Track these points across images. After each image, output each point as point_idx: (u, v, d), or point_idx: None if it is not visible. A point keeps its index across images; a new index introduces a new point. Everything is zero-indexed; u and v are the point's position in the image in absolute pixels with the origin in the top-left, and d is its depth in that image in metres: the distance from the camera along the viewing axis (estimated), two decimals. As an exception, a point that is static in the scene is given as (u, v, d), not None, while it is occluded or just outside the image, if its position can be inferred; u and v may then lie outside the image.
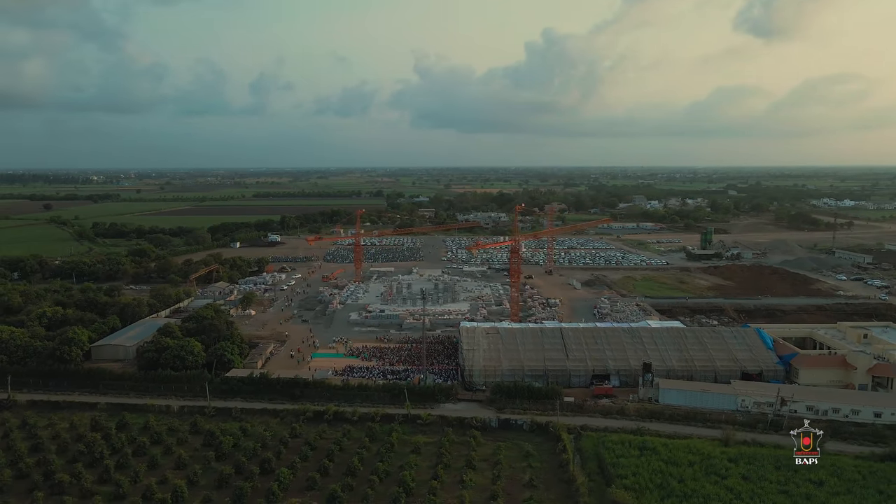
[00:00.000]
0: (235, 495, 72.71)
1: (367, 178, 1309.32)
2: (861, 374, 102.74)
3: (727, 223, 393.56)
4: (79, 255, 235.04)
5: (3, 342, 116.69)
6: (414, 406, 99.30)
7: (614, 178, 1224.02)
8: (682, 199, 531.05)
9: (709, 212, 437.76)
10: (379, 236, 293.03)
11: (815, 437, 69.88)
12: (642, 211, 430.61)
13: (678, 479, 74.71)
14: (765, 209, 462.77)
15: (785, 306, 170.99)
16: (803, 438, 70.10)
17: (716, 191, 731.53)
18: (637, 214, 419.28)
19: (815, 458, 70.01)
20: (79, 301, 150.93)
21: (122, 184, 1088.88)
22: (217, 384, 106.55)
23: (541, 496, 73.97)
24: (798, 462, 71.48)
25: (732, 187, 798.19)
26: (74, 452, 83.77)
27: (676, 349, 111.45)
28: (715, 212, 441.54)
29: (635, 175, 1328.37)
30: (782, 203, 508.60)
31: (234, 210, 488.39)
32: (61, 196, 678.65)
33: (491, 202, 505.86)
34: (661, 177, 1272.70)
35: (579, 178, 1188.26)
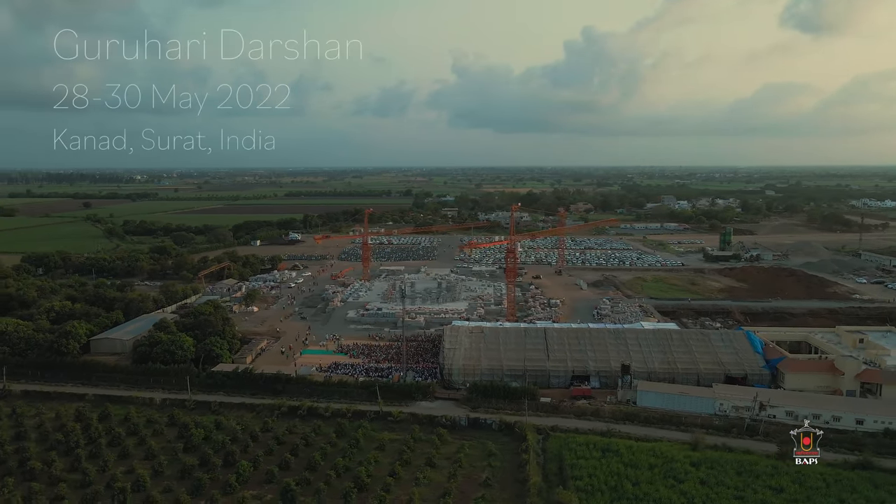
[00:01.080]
0: (194, 486, 74.88)
1: (402, 177, 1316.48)
2: (849, 379, 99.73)
3: (756, 224, 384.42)
4: (101, 252, 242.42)
5: (6, 334, 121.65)
6: (391, 403, 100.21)
7: (651, 177, 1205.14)
8: (712, 199, 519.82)
9: (739, 212, 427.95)
10: (387, 235, 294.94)
11: (815, 437, 68.76)
12: (669, 211, 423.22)
13: (633, 482, 73.95)
14: (798, 210, 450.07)
15: (794, 309, 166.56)
16: (803, 438, 69.30)
17: (752, 191, 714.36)
18: (663, 215, 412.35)
19: (815, 458, 68.99)
20: (89, 296, 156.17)
21: (163, 183, 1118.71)
22: (203, 378, 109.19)
23: (493, 495, 74.16)
24: (798, 462, 70.55)
25: (771, 187, 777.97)
26: (52, 441, 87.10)
27: (660, 351, 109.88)
28: (745, 212, 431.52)
29: (673, 175, 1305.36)
30: (819, 203, 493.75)
31: (264, 209, 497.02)
32: (103, 195, 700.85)
33: (516, 202, 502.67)
34: (700, 176, 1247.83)
35: (615, 177, 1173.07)
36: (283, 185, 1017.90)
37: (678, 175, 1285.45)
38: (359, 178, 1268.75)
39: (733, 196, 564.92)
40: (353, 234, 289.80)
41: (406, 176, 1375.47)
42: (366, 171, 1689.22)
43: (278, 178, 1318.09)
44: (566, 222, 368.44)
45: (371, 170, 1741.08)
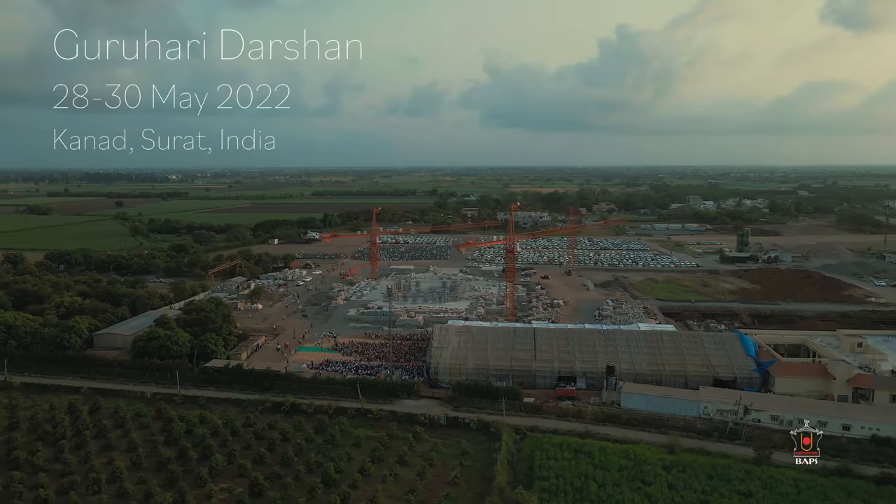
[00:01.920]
0: (167, 479, 76.79)
1: (431, 177, 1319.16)
2: (840, 384, 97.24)
3: (783, 225, 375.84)
4: (122, 250, 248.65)
5: (14, 328, 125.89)
6: (376, 401, 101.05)
7: (683, 177, 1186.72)
8: (739, 200, 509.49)
9: (766, 213, 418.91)
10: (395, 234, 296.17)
11: (816, 437, 68.01)
12: (693, 212, 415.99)
13: (600, 484, 73.48)
14: (829, 210, 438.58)
15: (804, 312, 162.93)
16: (803, 439, 68.32)
17: (785, 191, 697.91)
18: (687, 215, 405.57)
19: (815, 458, 68.37)
20: (99, 292, 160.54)
21: (196, 182, 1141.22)
22: (196, 374, 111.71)
23: (458, 493, 74.48)
24: (798, 462, 69.70)
25: (805, 187, 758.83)
26: (41, 432, 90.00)
27: (649, 353, 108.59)
28: (773, 213, 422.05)
29: (706, 175, 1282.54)
30: (853, 204, 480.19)
31: (289, 208, 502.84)
32: (136, 194, 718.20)
33: (539, 202, 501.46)
34: (734, 176, 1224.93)
35: (646, 177, 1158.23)
36: (312, 184, 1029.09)
37: (711, 175, 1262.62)
38: (387, 178, 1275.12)
39: (764, 196, 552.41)
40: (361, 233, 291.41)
41: (435, 175, 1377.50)
42: (396, 170, 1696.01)
43: (309, 177, 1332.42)
44: (586, 223, 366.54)
45: (402, 169, 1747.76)
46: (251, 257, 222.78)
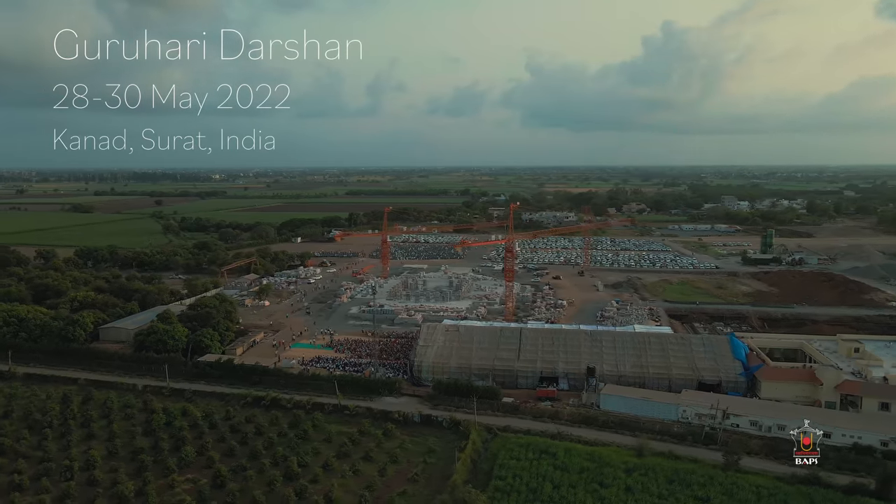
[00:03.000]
0: (137, 468, 79.43)
1: (469, 176, 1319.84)
2: (828, 390, 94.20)
3: (819, 226, 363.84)
4: (148, 247, 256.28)
5: (26, 321, 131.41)
6: (357, 398, 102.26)
7: (725, 177, 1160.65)
8: (774, 200, 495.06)
9: (802, 214, 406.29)
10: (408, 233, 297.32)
11: (816, 436, 67.47)
12: (725, 212, 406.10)
13: (555, 485, 73.11)
14: (872, 211, 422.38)
15: (817, 316, 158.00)
16: (803, 439, 67.55)
17: (829, 191, 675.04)
18: (719, 216, 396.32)
19: (815, 457, 67.75)
20: (115, 288, 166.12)
21: (237, 182, 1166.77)
22: (189, 368, 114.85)
23: (415, 490, 75.07)
24: (798, 462, 69.12)
25: (853, 187, 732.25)
26: (31, 420, 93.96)
27: (634, 355, 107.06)
28: (810, 214, 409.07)
29: (751, 174, 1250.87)
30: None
31: (321, 207, 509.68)
32: (176, 193, 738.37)
33: (568, 202, 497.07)
34: (780, 176, 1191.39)
35: (687, 177, 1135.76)
36: (349, 183, 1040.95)
37: (757, 175, 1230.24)
38: (424, 178, 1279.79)
39: (806, 197, 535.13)
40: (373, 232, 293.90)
41: (473, 175, 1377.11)
42: (435, 170, 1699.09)
43: (347, 176, 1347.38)
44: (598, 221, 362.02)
45: (441, 169, 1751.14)
46: (267, 255, 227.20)
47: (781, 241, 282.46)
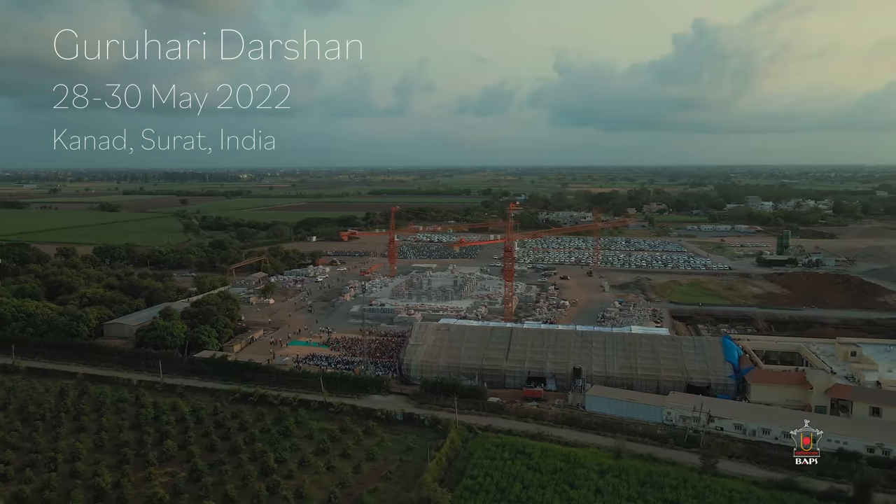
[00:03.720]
0: (118, 461, 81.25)
1: (495, 176, 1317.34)
2: (818, 394, 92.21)
3: (844, 227, 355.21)
4: (164, 245, 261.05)
5: (34, 316, 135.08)
6: (345, 396, 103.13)
7: (756, 177, 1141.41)
8: (799, 200, 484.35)
9: (828, 214, 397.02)
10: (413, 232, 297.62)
11: (815, 437, 66.84)
12: (748, 213, 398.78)
13: (525, 486, 72.92)
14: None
15: (826, 318, 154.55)
16: (803, 439, 66.98)
17: (861, 191, 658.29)
18: (741, 216, 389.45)
19: (815, 458, 67.30)
20: (124, 285, 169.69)
21: (263, 181, 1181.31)
22: (184, 363, 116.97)
23: (386, 488, 75.51)
24: (798, 462, 68.35)
25: (887, 187, 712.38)
26: (25, 413, 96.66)
27: (624, 356, 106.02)
28: (837, 214, 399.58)
29: (783, 174, 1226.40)
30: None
31: (342, 206, 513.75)
32: (202, 192, 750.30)
33: (588, 201, 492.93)
34: (812, 175, 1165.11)
35: (716, 177, 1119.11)
36: (374, 183, 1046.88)
37: (788, 175, 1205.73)
38: (449, 177, 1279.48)
39: (836, 197, 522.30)
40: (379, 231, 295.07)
41: (498, 175, 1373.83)
42: (462, 169, 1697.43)
43: (373, 176, 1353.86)
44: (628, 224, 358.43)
45: (467, 168, 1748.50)
46: (278, 254, 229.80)
47: (800, 242, 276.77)
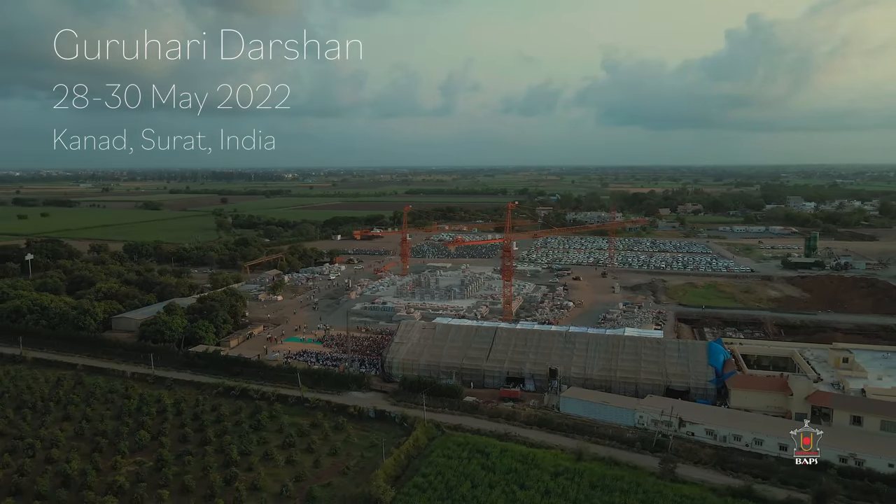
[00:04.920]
0: (92, 449, 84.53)
1: (537, 175, 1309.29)
2: (798, 401, 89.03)
3: (888, 229, 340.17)
4: (191, 242, 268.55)
5: (47, 309, 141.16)
6: (327, 391, 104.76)
7: (808, 176, 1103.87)
8: (843, 201, 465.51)
9: (873, 216, 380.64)
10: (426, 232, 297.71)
11: (815, 437, 65.99)
12: (786, 213, 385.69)
13: (474, 485, 72.88)
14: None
15: (840, 323, 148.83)
16: (803, 439, 66.18)
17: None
18: (779, 217, 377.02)
19: (815, 457, 66.57)
20: (140, 280, 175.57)
21: (307, 181, 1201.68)
22: (180, 357, 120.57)
23: (340, 482, 76.61)
24: (798, 462, 67.75)
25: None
26: (19, 401, 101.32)
27: (605, 358, 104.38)
28: (883, 216, 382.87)
29: (837, 173, 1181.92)
30: None
31: (376, 205, 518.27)
32: (244, 191, 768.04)
33: (622, 202, 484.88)
34: (869, 175, 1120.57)
35: (766, 176, 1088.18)
36: (413, 182, 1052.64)
37: (844, 174, 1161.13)
38: (490, 177, 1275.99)
39: (888, 198, 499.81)
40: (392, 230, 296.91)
41: (540, 174, 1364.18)
42: (505, 169, 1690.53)
43: (414, 176, 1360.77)
44: (658, 224, 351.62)
45: (511, 168, 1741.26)
46: (297, 252, 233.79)
47: (835, 244, 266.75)
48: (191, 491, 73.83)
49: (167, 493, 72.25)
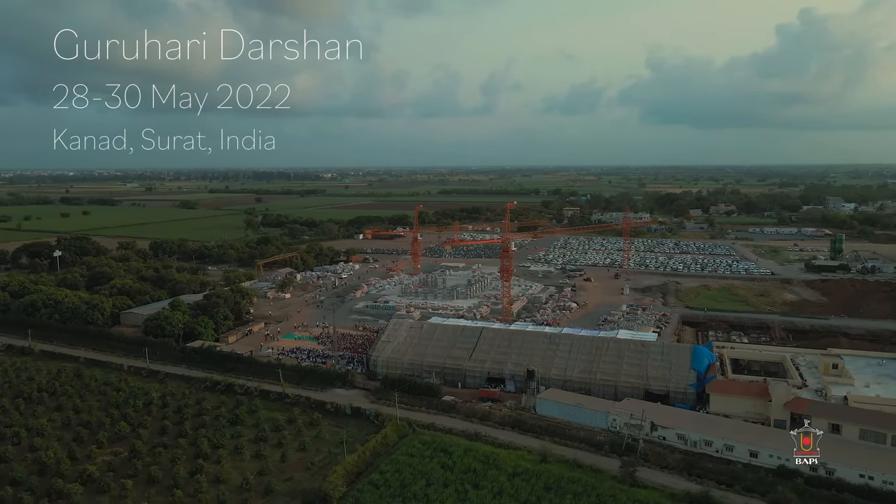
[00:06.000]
0: (74, 438, 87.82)
1: (575, 176, 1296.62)
2: (777, 407, 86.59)
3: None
4: (219, 240, 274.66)
5: (61, 303, 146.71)
6: (310, 388, 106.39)
7: (860, 177, 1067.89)
8: (882, 202, 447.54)
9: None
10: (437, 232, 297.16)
11: (815, 437, 65.33)
12: (822, 215, 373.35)
13: (428, 483, 73.24)
14: None
15: (853, 329, 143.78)
16: (803, 439, 65.48)
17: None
18: (815, 219, 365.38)
19: (815, 457, 66.05)
20: (155, 277, 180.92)
21: (344, 181, 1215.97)
22: (177, 352, 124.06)
23: (301, 477, 77.92)
24: (798, 462, 67.27)
25: None
26: (16, 390, 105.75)
27: (587, 360, 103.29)
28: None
29: (892, 173, 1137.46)
30: None
31: (404, 205, 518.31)
32: (280, 191, 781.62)
33: (653, 202, 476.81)
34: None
35: (813, 176, 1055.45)
36: (450, 182, 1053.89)
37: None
38: (528, 177, 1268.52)
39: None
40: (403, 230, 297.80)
41: (579, 174, 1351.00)
42: (545, 169, 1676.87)
43: (452, 176, 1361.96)
44: (686, 225, 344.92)
45: (551, 168, 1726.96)
46: (313, 250, 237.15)
47: (868, 246, 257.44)
48: (157, 481, 76.11)
49: (131, 482, 74.59)
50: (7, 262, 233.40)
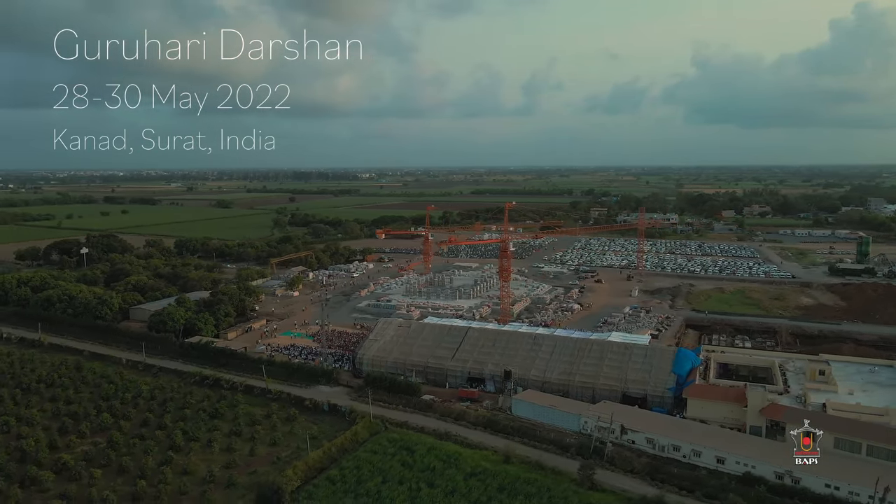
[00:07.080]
0: (59, 428, 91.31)
1: (613, 176, 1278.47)
2: (753, 413, 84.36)
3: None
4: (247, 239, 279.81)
5: (75, 298, 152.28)
6: (296, 384, 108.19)
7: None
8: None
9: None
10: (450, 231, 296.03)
11: (815, 437, 65.21)
12: (861, 217, 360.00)
13: (384, 480, 73.95)
14: None
15: (863, 334, 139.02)
16: (803, 438, 65.42)
17: None
18: (853, 221, 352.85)
19: (815, 458, 65.33)
20: (169, 274, 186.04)
21: (381, 181, 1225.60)
22: (176, 347, 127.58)
23: (265, 471, 79.39)
24: (798, 462, 66.49)
25: None
26: (16, 381, 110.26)
27: (568, 362, 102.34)
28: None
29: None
30: None
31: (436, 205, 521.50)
32: (315, 190, 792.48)
33: (685, 203, 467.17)
34: None
35: (863, 176, 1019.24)
36: (485, 182, 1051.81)
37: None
38: (565, 177, 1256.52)
39: None
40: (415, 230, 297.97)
41: (618, 175, 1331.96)
42: (586, 169, 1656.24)
43: (488, 176, 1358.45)
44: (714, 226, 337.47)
45: (592, 168, 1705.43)
46: (329, 249, 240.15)
47: None
48: (126, 471, 78.63)
49: (100, 472, 77.25)
50: (39, 259, 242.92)
